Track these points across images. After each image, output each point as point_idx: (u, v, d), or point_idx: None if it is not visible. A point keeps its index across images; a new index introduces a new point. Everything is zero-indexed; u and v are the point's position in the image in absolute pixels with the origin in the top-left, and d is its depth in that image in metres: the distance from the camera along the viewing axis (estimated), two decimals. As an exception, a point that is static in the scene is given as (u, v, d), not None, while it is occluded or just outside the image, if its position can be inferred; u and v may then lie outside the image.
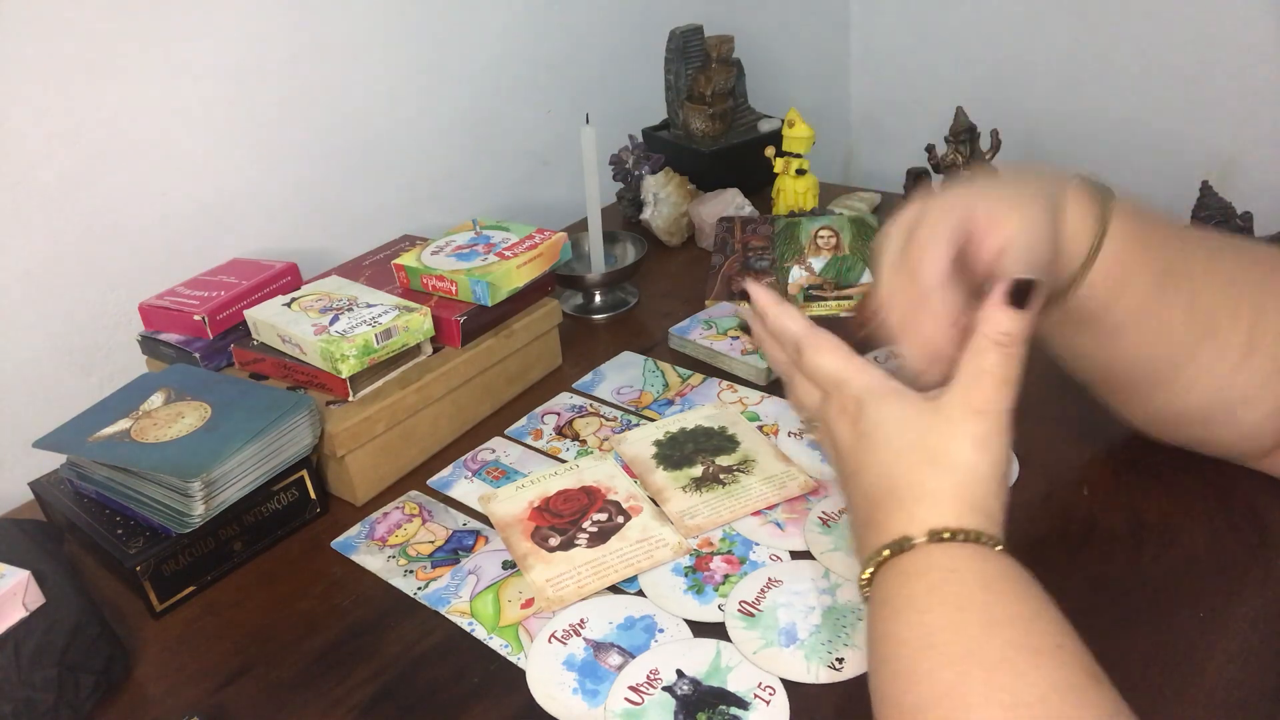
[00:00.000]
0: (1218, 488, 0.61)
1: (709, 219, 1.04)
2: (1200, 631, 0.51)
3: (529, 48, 1.12)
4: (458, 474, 0.72)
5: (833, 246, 0.94)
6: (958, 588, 0.41)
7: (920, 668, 0.39)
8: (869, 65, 1.63)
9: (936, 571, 0.42)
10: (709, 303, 0.92)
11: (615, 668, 0.53)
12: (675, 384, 0.81)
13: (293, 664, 0.56)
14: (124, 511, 0.63)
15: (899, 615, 0.41)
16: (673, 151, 1.14)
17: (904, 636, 0.40)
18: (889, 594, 0.42)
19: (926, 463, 0.44)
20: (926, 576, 0.42)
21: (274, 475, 0.64)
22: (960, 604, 0.40)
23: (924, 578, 0.42)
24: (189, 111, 0.83)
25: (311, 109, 0.92)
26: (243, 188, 0.89)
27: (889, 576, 0.43)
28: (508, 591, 0.60)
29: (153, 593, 0.60)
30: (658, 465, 0.69)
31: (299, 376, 0.71)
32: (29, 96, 0.73)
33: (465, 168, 1.10)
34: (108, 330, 0.81)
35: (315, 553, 0.66)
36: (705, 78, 1.13)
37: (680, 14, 1.17)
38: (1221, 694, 0.48)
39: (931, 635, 0.40)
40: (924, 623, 0.40)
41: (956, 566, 0.41)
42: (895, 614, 0.41)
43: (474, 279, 0.74)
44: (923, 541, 0.42)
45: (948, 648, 0.39)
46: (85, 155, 0.77)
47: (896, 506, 0.44)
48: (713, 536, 0.62)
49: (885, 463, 0.45)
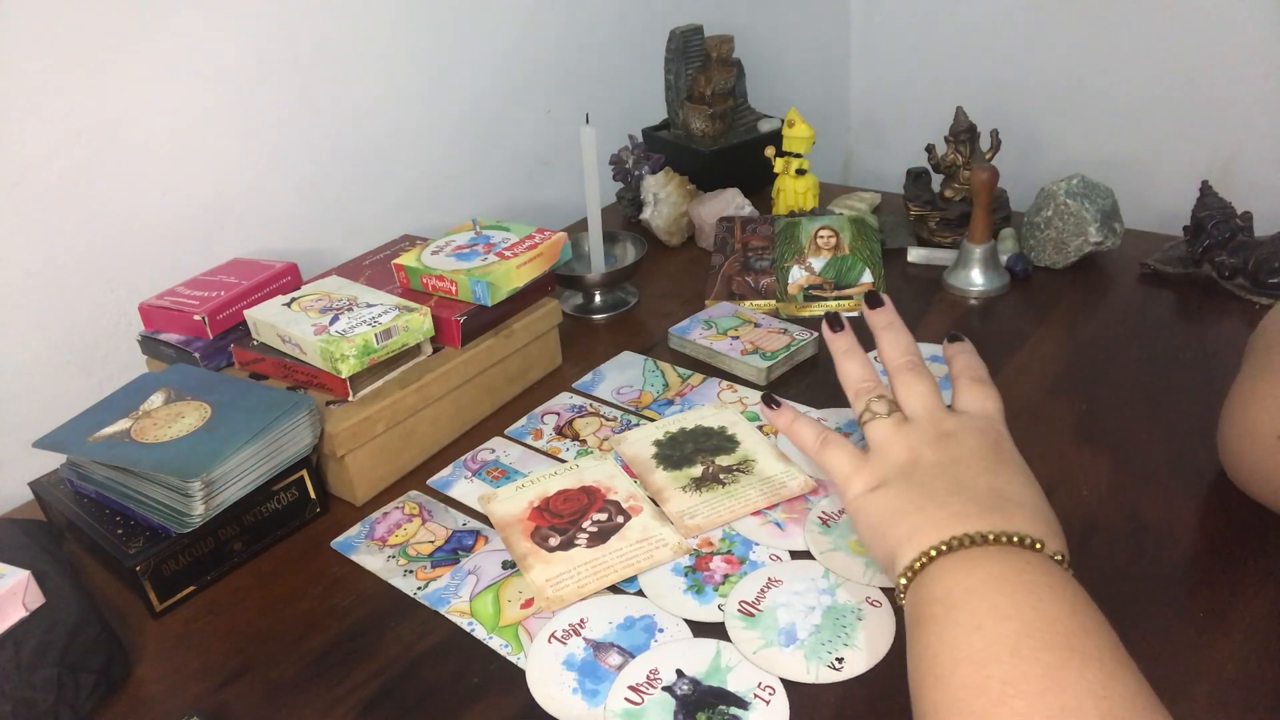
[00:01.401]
0: (1218, 488, 0.61)
1: (709, 219, 1.04)
2: (1200, 631, 0.51)
3: (529, 48, 1.12)
4: (457, 474, 0.72)
5: (833, 246, 0.94)
6: (1054, 587, 0.43)
7: (1020, 651, 0.40)
8: (869, 65, 1.63)
9: (1042, 572, 0.43)
10: (709, 303, 0.92)
11: (615, 667, 0.53)
12: (675, 384, 0.81)
13: (292, 664, 0.56)
14: (124, 511, 0.63)
15: (980, 599, 0.43)
16: (673, 151, 1.14)
17: (978, 622, 0.42)
18: (970, 579, 0.44)
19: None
20: (1033, 573, 0.44)
21: (274, 475, 0.64)
22: (1058, 600, 0.42)
23: (1030, 573, 0.44)
24: (189, 111, 0.83)
25: (312, 109, 0.92)
26: (243, 188, 0.89)
27: (965, 560, 0.44)
28: (507, 591, 0.60)
29: (153, 593, 0.60)
30: (657, 465, 0.69)
31: (299, 376, 0.71)
32: (29, 96, 0.73)
33: (465, 168, 1.10)
34: (108, 330, 0.81)
35: (315, 553, 0.66)
36: (705, 78, 1.13)
37: (680, 14, 1.17)
38: (1221, 694, 0.48)
39: (1025, 624, 0.41)
40: (1017, 614, 0.42)
41: (1053, 570, 0.44)
42: (979, 597, 0.43)
43: (474, 279, 0.74)
44: (1040, 549, 0.45)
45: (1047, 635, 0.41)
46: (85, 155, 0.77)
47: (1004, 510, 0.46)
48: (712, 536, 0.62)
49: (1011, 478, 0.49)
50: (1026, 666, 0.39)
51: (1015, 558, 0.44)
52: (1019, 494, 0.48)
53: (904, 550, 0.46)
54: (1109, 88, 1.35)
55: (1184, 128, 1.30)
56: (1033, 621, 0.40)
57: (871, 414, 0.53)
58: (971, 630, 0.41)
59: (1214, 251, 0.85)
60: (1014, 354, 0.80)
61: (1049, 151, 1.43)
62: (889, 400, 0.54)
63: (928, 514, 0.47)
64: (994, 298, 0.90)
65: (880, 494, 0.50)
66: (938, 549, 0.45)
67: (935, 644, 0.42)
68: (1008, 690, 0.38)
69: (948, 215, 1.00)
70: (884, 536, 0.48)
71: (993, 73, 1.46)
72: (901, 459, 0.51)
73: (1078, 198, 0.89)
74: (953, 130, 0.99)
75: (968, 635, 0.41)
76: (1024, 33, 1.41)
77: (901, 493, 0.49)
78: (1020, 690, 0.38)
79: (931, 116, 1.12)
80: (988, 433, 0.51)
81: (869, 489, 0.51)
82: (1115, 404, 0.71)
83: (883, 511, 0.49)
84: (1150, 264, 0.89)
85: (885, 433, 0.52)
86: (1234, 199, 0.88)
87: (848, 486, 0.52)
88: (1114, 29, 1.31)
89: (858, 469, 0.52)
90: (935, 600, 0.43)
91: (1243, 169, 1.26)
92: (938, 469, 0.49)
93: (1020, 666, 0.39)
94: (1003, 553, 0.44)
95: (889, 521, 0.48)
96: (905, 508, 0.48)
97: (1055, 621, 0.41)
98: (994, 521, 0.45)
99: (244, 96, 0.87)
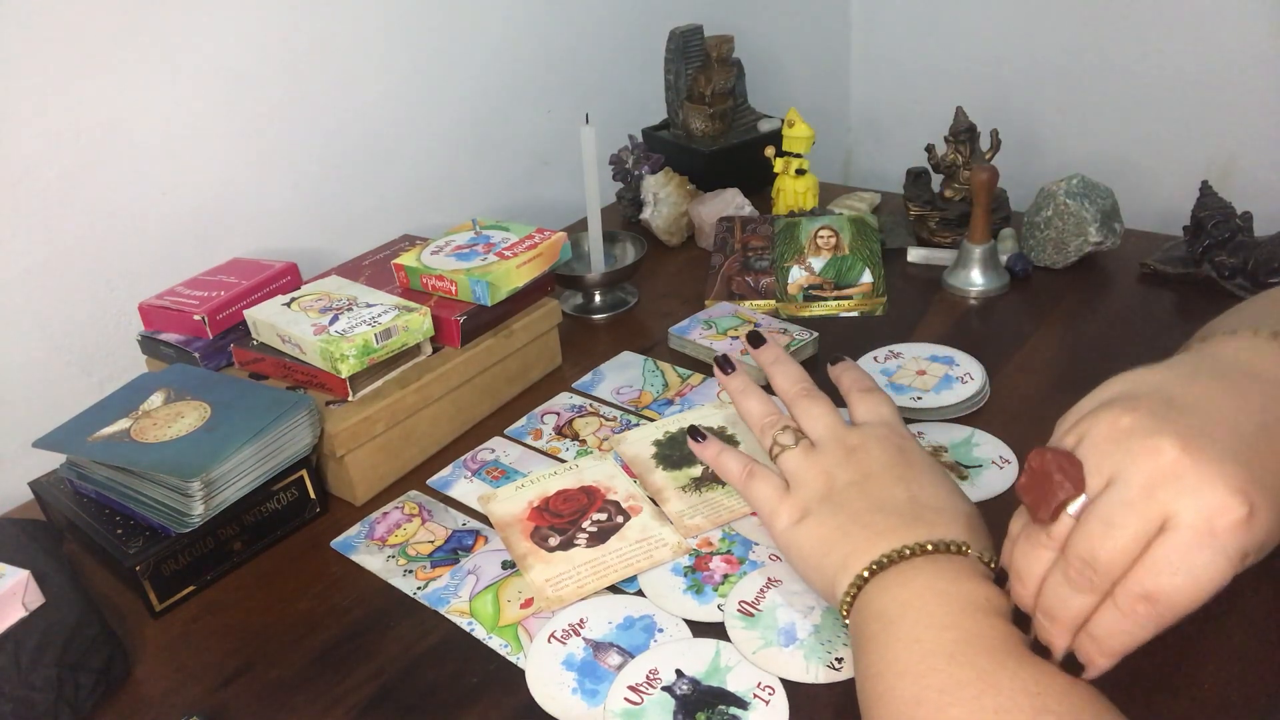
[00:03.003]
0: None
1: (709, 219, 1.04)
2: (1200, 631, 0.51)
3: (529, 48, 1.12)
4: (457, 474, 0.72)
5: (833, 246, 0.94)
6: None
7: None
8: (869, 65, 1.63)
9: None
10: (709, 303, 0.92)
11: (615, 667, 0.53)
12: (675, 384, 0.81)
13: (292, 664, 0.56)
14: (124, 511, 0.63)
15: (943, 602, 0.45)
16: (673, 151, 1.14)
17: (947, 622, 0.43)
18: (918, 584, 0.45)
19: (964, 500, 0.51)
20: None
21: (274, 475, 0.64)
22: None
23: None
24: (189, 111, 0.83)
25: (312, 109, 0.92)
26: (243, 188, 0.89)
27: (914, 567, 0.46)
28: (507, 591, 0.60)
29: (152, 592, 0.60)
30: (657, 465, 0.69)
31: (299, 376, 0.71)
32: (29, 96, 0.73)
33: (465, 167, 1.10)
34: (108, 330, 0.81)
35: (315, 552, 0.66)
36: (705, 78, 1.13)
37: (680, 14, 1.17)
38: (1221, 694, 0.48)
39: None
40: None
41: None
42: (939, 600, 0.45)
43: (474, 279, 0.74)
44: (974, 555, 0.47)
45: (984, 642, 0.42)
46: (85, 155, 0.77)
47: (934, 523, 0.48)
48: (712, 536, 0.62)
49: (926, 486, 0.51)
50: (962, 673, 0.40)
51: (945, 565, 0.45)
52: (934, 498, 0.49)
53: (840, 578, 0.48)
54: (1109, 88, 1.35)
55: (1184, 128, 1.30)
56: (970, 629, 0.41)
57: (780, 446, 0.55)
58: (910, 643, 0.42)
59: (1214, 251, 0.85)
60: (1014, 354, 0.80)
61: (1049, 151, 1.43)
62: (793, 430, 0.55)
63: (854, 538, 0.48)
64: (994, 298, 0.90)
65: (806, 525, 0.51)
66: (870, 569, 0.46)
67: (877, 661, 0.43)
68: (945, 698, 0.39)
69: (948, 215, 1.00)
70: (819, 569, 0.50)
71: (993, 73, 1.46)
72: (818, 485, 0.52)
73: (1078, 198, 0.89)
74: (953, 130, 0.99)
75: (907, 648, 0.42)
76: (1024, 33, 1.41)
77: (825, 520, 0.50)
78: (957, 696, 0.39)
79: (931, 116, 1.12)
80: (890, 439, 0.53)
81: (794, 522, 0.52)
82: (1115, 404, 0.71)
83: (813, 544, 0.50)
84: (1150, 264, 0.89)
85: (796, 463, 0.54)
86: (1234, 199, 0.87)
87: (774, 521, 0.53)
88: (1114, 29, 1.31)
89: (781, 501, 0.53)
90: (874, 618, 0.45)
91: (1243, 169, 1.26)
92: (854, 488, 0.51)
93: (956, 673, 0.40)
94: (932, 562, 0.45)
95: (820, 553, 0.50)
96: (832, 535, 0.50)
97: (991, 625, 0.41)
98: (918, 532, 0.47)
99: (244, 96, 0.87)
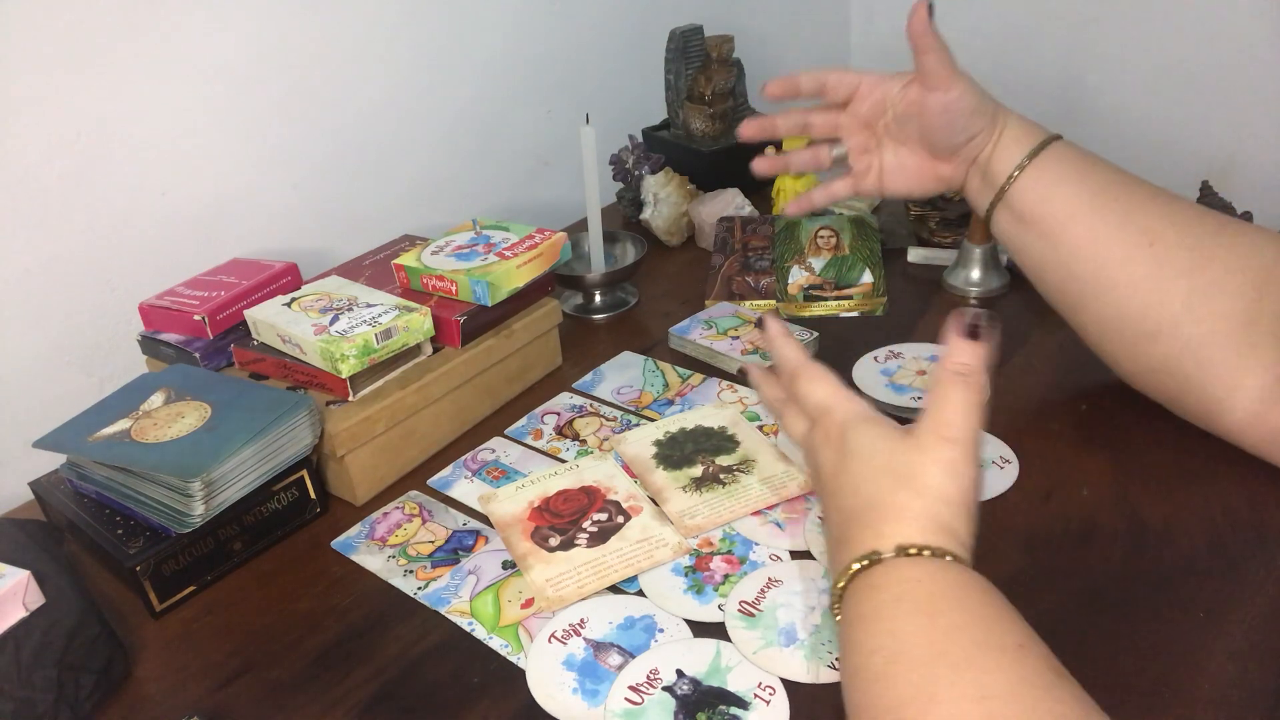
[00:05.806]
0: (1218, 488, 0.61)
1: (709, 219, 1.04)
2: (1200, 631, 0.51)
3: (529, 48, 1.12)
4: (458, 474, 0.72)
5: (833, 246, 0.94)
6: (923, 596, 0.42)
7: (890, 672, 0.40)
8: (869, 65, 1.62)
9: (903, 583, 0.43)
10: (709, 303, 0.92)
11: (615, 668, 0.53)
12: (675, 384, 0.81)
13: (292, 664, 0.56)
14: (124, 511, 0.63)
15: (868, 625, 0.43)
16: (673, 151, 1.14)
17: (874, 645, 0.42)
18: (859, 606, 0.44)
19: (899, 486, 0.46)
20: (893, 588, 0.43)
21: (274, 475, 0.64)
22: (925, 610, 0.42)
23: (890, 589, 0.43)
24: (189, 111, 0.83)
25: (312, 109, 0.92)
26: (243, 188, 0.89)
27: (859, 590, 0.45)
28: (507, 591, 0.60)
29: (153, 593, 0.60)
30: (657, 465, 0.69)
31: (299, 376, 0.71)
32: (29, 96, 0.73)
33: (465, 167, 1.10)
34: (108, 330, 0.81)
35: (315, 553, 0.66)
36: (705, 78, 1.13)
37: (680, 14, 1.17)
38: (1221, 694, 0.48)
39: (899, 642, 0.41)
40: (892, 630, 0.42)
41: (920, 577, 0.43)
42: (865, 625, 0.43)
43: (474, 279, 0.74)
44: (890, 556, 0.44)
45: (915, 651, 0.40)
46: (85, 155, 0.77)
47: (868, 525, 0.46)
48: (712, 536, 0.62)
49: (861, 484, 0.48)
50: (957, 674, 0.39)
51: (913, 569, 0.44)
52: (875, 496, 0.48)
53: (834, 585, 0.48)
54: (1109, 88, 1.35)
55: (1184, 128, 1.30)
56: (931, 632, 0.41)
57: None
58: (870, 653, 0.42)
59: (1214, 251, 0.85)
60: (1014, 353, 0.80)
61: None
62: None
63: (834, 557, 0.49)
64: (994, 298, 0.90)
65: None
66: (847, 577, 0.46)
67: (844, 668, 0.44)
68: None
69: (948, 215, 1.00)
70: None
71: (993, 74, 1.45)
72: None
73: (1078, 198, 0.89)
74: (953, 130, 0.99)
75: (868, 658, 0.42)
76: (1024, 33, 1.41)
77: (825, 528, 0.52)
78: (949, 694, 0.39)
79: (931, 116, 1.12)
80: (830, 439, 0.51)
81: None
82: (1115, 404, 0.71)
83: None
84: (1150, 264, 0.89)
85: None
86: (1234, 199, 0.87)
87: None
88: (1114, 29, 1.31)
89: None
90: (847, 622, 0.45)
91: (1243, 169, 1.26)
92: (830, 506, 0.51)
93: (958, 674, 0.39)
94: (896, 566, 0.45)
95: None
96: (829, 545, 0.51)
97: (958, 629, 0.41)
98: (866, 541, 0.46)
99: (243, 96, 0.87)
